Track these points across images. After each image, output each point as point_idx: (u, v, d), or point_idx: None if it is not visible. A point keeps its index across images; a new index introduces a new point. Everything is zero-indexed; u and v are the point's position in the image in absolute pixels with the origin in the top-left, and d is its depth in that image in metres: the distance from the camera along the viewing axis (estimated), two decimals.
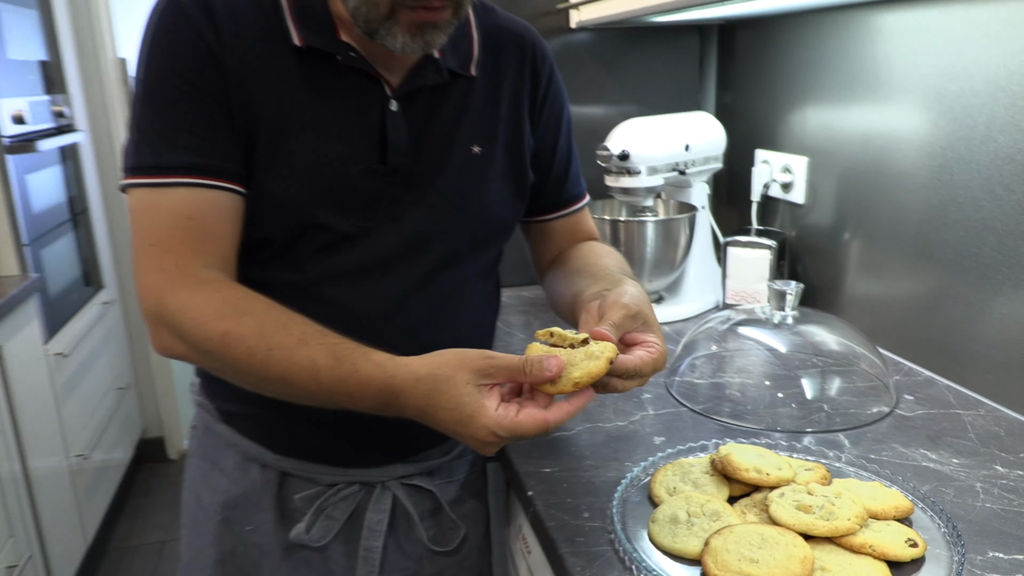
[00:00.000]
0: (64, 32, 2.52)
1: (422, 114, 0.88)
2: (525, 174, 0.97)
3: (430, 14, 0.76)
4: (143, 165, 0.79)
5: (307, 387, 0.75)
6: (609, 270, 0.94)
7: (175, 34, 0.79)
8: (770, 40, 1.54)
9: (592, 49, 1.69)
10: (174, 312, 0.78)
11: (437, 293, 0.92)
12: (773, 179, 1.52)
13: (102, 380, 2.56)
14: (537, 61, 0.98)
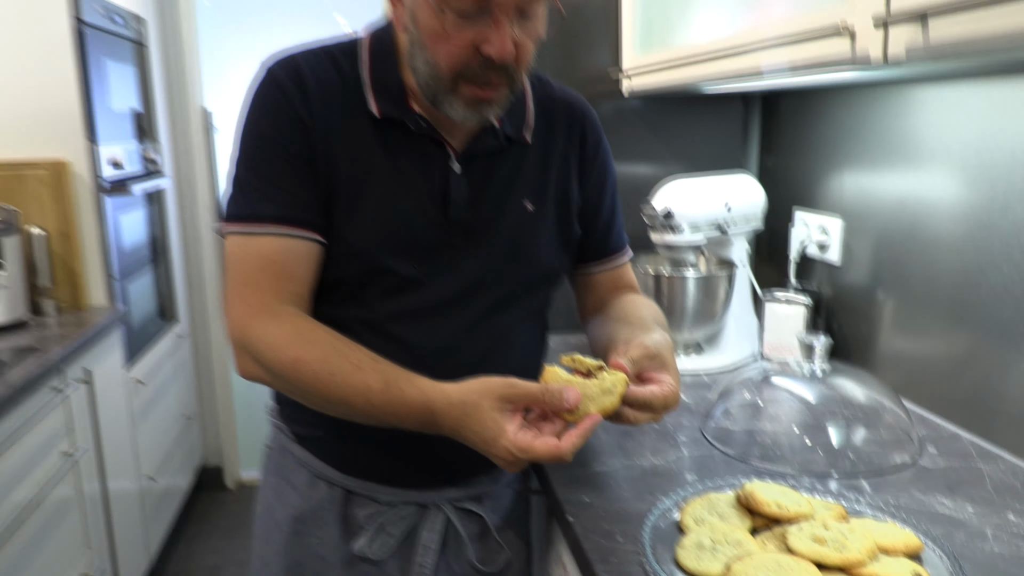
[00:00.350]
0: (157, 85, 2.76)
1: (481, 175, 1.00)
2: (572, 229, 1.09)
3: (486, 91, 0.89)
4: (239, 215, 0.94)
5: (362, 407, 0.88)
6: (643, 319, 1.05)
7: (272, 105, 0.94)
8: (810, 109, 1.64)
9: (642, 114, 1.81)
10: (254, 340, 0.92)
11: (489, 334, 1.03)
12: (810, 239, 1.60)
13: (171, 408, 2.72)
14: (586, 129, 1.10)
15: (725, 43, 1.22)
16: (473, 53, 0.86)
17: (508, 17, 0.84)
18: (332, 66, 0.96)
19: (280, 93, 0.93)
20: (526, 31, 0.87)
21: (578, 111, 1.10)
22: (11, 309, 1.94)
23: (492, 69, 0.87)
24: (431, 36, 0.87)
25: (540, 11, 0.88)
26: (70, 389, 1.81)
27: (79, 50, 2.05)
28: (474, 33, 0.85)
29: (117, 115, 2.33)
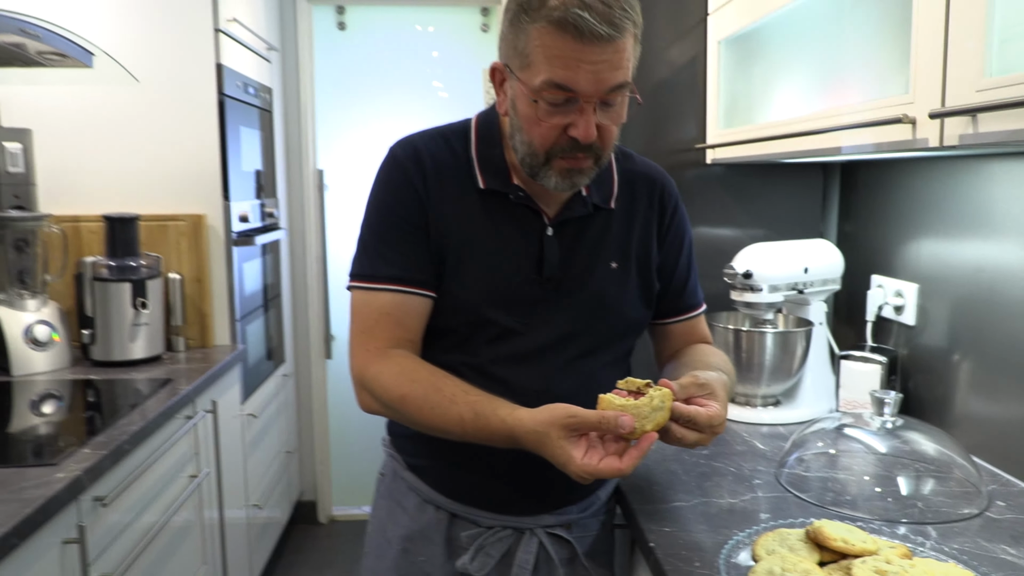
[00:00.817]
0: (278, 147, 3.05)
1: (571, 238, 1.16)
2: (652, 285, 1.23)
3: (575, 162, 1.06)
4: (362, 273, 1.14)
5: (459, 434, 1.05)
6: (708, 363, 1.18)
7: (393, 181, 1.14)
8: (888, 179, 1.73)
9: (724, 181, 1.94)
10: (370, 379, 1.10)
11: (578, 377, 1.17)
12: (886, 302, 1.68)
13: (275, 443, 2.93)
14: (665, 198, 1.25)
15: (801, 123, 1.35)
16: (562, 135, 1.03)
17: (592, 107, 0.99)
18: (446, 146, 1.15)
19: (400, 171, 1.13)
20: (609, 116, 1.02)
21: (658, 182, 1.25)
22: (150, 345, 2.19)
23: (579, 148, 1.03)
24: (528, 121, 1.04)
25: (621, 100, 1.03)
26: (198, 417, 2.02)
27: (221, 119, 2.33)
28: (563, 119, 1.01)
29: (245, 174, 2.60)
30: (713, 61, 1.82)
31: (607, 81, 0.98)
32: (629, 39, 0.99)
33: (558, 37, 0.96)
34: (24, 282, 2.07)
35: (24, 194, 2.23)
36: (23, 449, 1.54)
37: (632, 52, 1.01)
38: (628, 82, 1.01)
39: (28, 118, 2.26)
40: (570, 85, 0.98)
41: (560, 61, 0.96)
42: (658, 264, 1.24)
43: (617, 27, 0.95)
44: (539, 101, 1.00)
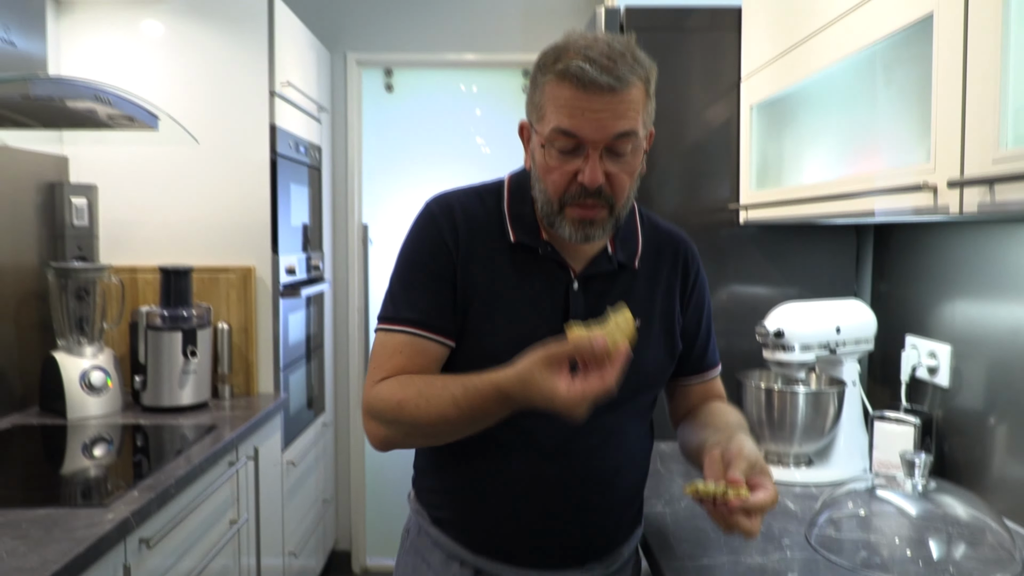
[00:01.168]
0: (326, 203, 3.18)
1: (596, 293, 1.19)
2: (675, 344, 1.26)
3: (587, 211, 1.10)
4: (386, 317, 1.18)
5: (456, 416, 1.05)
6: (729, 424, 1.20)
7: (425, 233, 1.20)
8: (921, 240, 1.75)
9: (757, 240, 1.97)
10: (371, 401, 1.14)
11: (600, 430, 1.19)
12: (920, 363, 1.68)
13: (313, 491, 2.98)
14: (688, 263, 1.29)
15: (830, 188, 1.39)
16: (572, 182, 1.08)
17: (597, 153, 1.05)
18: (479, 202, 1.21)
19: (433, 224, 1.19)
20: (618, 165, 1.07)
21: (682, 247, 1.29)
22: (198, 392, 2.27)
23: (589, 195, 1.07)
24: (542, 170, 1.10)
25: (629, 149, 1.07)
26: (240, 464, 2.08)
27: (272, 177, 2.45)
28: (572, 166, 1.07)
29: (294, 229, 2.71)
30: (745, 125, 1.87)
31: (610, 128, 1.04)
32: (635, 91, 1.05)
33: (564, 88, 1.04)
34: (83, 329, 2.18)
35: (87, 246, 2.36)
36: (76, 490, 1.61)
37: (641, 104, 1.06)
38: (634, 131, 1.05)
39: (94, 175, 2.41)
40: (574, 131, 1.04)
41: (566, 110, 1.04)
42: (681, 326, 1.27)
43: (619, 79, 1.02)
44: (550, 148, 1.07)
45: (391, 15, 3.27)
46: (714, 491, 0.96)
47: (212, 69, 2.42)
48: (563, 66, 1.03)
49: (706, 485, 0.97)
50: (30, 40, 1.75)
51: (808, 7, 1.47)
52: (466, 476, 1.21)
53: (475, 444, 1.15)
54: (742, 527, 0.97)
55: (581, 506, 1.19)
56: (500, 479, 1.18)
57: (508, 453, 1.17)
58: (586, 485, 1.18)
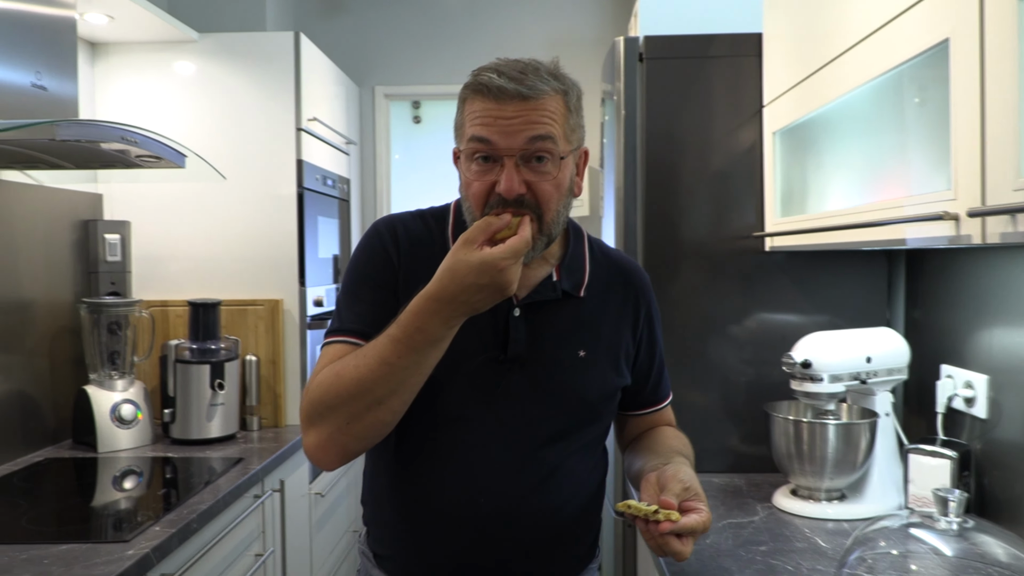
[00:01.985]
0: (354, 234, 3.20)
1: (539, 321, 1.17)
2: (621, 375, 1.23)
3: None
4: (330, 331, 1.16)
5: (394, 355, 1.00)
6: (671, 449, 1.20)
7: (370, 248, 1.20)
8: (955, 265, 1.70)
9: (784, 267, 1.93)
10: (307, 398, 1.07)
11: (544, 462, 1.15)
12: (956, 393, 1.62)
13: (342, 522, 2.97)
14: (639, 295, 1.27)
15: (854, 216, 1.35)
16: (492, 192, 1.07)
17: (512, 162, 1.05)
18: (423, 224, 1.22)
19: (377, 239, 1.19)
20: (539, 175, 1.07)
21: (635, 278, 1.28)
22: (226, 424, 2.29)
23: (509, 204, 1.06)
24: (466, 185, 1.11)
25: (548, 159, 1.07)
26: (266, 496, 2.09)
27: (300, 211, 2.49)
28: (491, 177, 1.07)
29: (322, 261, 2.74)
30: (769, 151, 1.84)
31: (521, 134, 1.05)
32: (549, 101, 1.07)
33: (477, 101, 1.07)
34: (114, 363, 2.22)
35: (120, 281, 2.41)
36: (102, 524, 1.63)
37: (559, 115, 1.08)
38: (549, 136, 1.06)
39: (127, 211, 2.46)
40: (488, 137, 1.06)
41: (480, 119, 1.06)
42: (634, 360, 1.26)
43: (530, 87, 1.05)
44: (469, 162, 1.09)
45: (419, 49, 3.32)
46: (645, 511, 0.99)
47: (240, 107, 2.47)
48: (475, 80, 1.08)
49: (638, 504, 1.00)
50: (61, 84, 1.80)
51: (827, 33, 1.45)
52: (407, 508, 1.17)
53: (414, 475, 1.14)
54: (672, 549, 0.99)
55: (524, 542, 1.16)
56: (439, 514, 1.15)
57: (447, 488, 1.14)
58: (528, 521, 1.15)
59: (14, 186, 2.06)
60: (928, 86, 1.16)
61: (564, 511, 1.18)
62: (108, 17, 2.21)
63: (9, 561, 1.35)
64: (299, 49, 2.48)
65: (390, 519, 1.20)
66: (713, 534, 1.49)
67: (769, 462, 1.73)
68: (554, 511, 1.17)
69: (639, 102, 1.94)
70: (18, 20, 1.69)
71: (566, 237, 1.24)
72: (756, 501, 1.69)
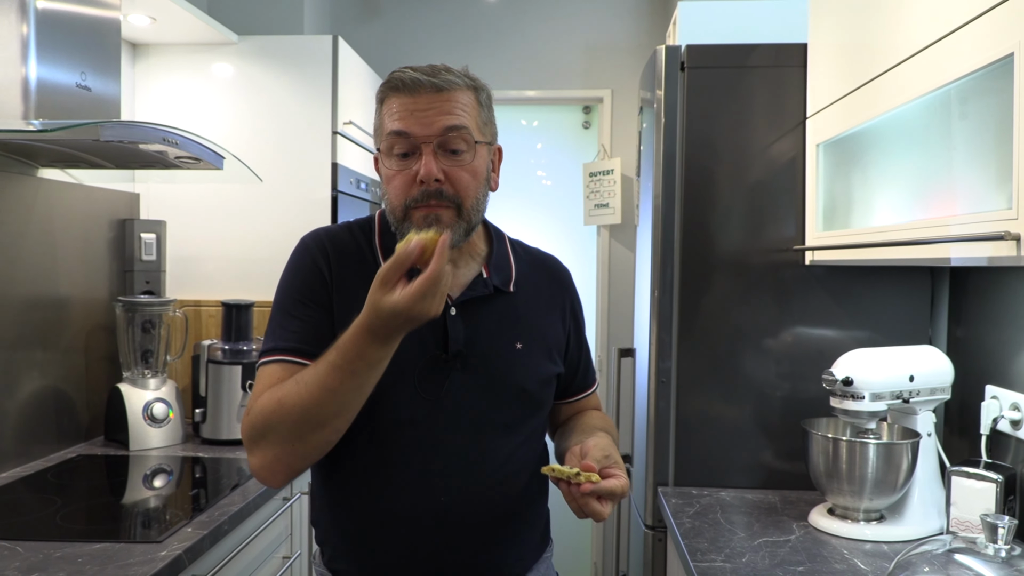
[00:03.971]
0: None
1: (475, 317, 1.20)
2: (556, 364, 1.29)
3: (430, 209, 1.11)
4: (264, 350, 1.16)
5: (332, 386, 1.00)
6: (594, 428, 1.28)
7: (299, 264, 1.20)
8: (1002, 283, 1.66)
9: (824, 281, 1.90)
10: (249, 420, 1.08)
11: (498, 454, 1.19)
12: (1002, 415, 1.58)
13: None
14: (564, 287, 1.35)
15: (902, 232, 1.32)
16: (413, 184, 1.11)
17: (430, 149, 1.10)
18: (350, 235, 1.23)
19: (306, 253, 1.20)
20: (457, 164, 1.12)
21: (558, 272, 1.36)
22: None
23: (431, 196, 1.11)
24: (387, 181, 1.15)
25: (464, 148, 1.12)
26: (295, 499, 2.09)
27: (333, 214, 2.49)
28: (411, 170, 1.11)
29: None
30: (811, 163, 1.81)
31: (437, 123, 1.11)
32: (461, 94, 1.14)
33: (393, 97, 1.13)
34: (147, 362, 2.23)
35: (154, 280, 2.43)
36: (134, 523, 1.64)
37: (471, 107, 1.15)
38: (463, 127, 1.12)
39: (163, 211, 2.48)
40: (405, 130, 1.11)
41: (397, 114, 1.12)
42: (564, 347, 1.31)
43: (442, 80, 1.12)
44: (388, 157, 1.14)
45: (453, 54, 3.32)
46: (568, 473, 1.03)
47: (277, 109, 2.48)
48: (390, 78, 1.14)
49: (561, 468, 1.05)
50: (105, 84, 1.82)
51: (876, 45, 1.42)
52: (364, 518, 1.18)
53: (368, 483, 1.15)
54: (592, 509, 1.03)
55: (484, 535, 1.18)
56: (398, 518, 1.16)
57: (404, 490, 1.15)
58: (487, 513, 1.18)
59: (54, 184, 2.09)
60: (986, 99, 1.13)
61: (519, 500, 1.23)
62: (151, 19, 2.24)
63: (44, 559, 1.36)
64: (337, 52, 2.49)
65: (347, 530, 1.20)
66: (749, 552, 1.46)
67: (803, 479, 1.70)
68: (510, 501, 1.21)
69: (679, 111, 1.92)
70: (65, 21, 1.71)
71: (489, 236, 1.30)
72: (792, 519, 1.66)
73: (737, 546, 1.50)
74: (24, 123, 1.56)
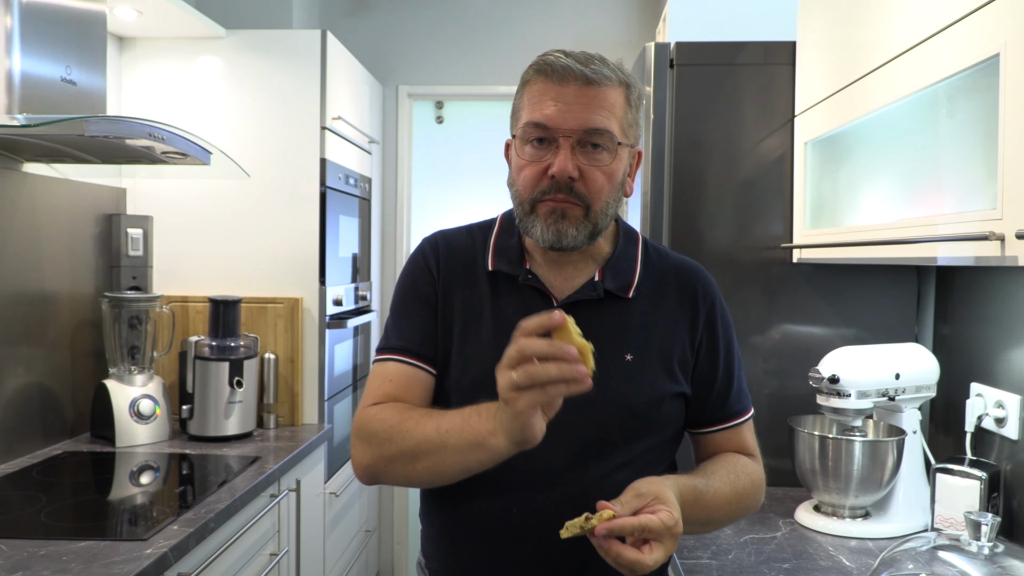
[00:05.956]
0: (375, 233, 3.20)
1: (581, 323, 1.02)
2: (676, 382, 1.15)
3: (557, 203, 1.07)
4: (380, 348, 1.18)
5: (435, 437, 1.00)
6: (704, 470, 1.12)
7: (414, 266, 1.21)
8: (988, 282, 1.67)
9: (811, 279, 1.91)
10: (364, 421, 1.09)
11: (585, 476, 1.08)
12: (987, 412, 1.59)
13: (355, 522, 2.97)
14: (699, 296, 1.18)
15: (888, 231, 1.33)
16: (543, 176, 1.06)
17: (569, 144, 1.04)
18: (467, 236, 1.22)
19: (420, 256, 1.21)
20: (592, 161, 1.06)
21: (693, 279, 1.20)
22: (243, 422, 2.28)
23: (560, 190, 1.05)
24: (517, 170, 1.10)
25: (604, 150, 1.05)
26: (282, 496, 2.08)
27: (322, 209, 2.48)
28: (545, 162, 1.06)
29: (342, 260, 2.73)
30: (800, 161, 1.82)
31: (580, 119, 1.04)
32: (611, 91, 1.06)
33: (539, 81, 1.07)
34: (134, 358, 2.22)
35: (141, 275, 2.41)
36: (119, 521, 1.63)
37: (619, 107, 1.07)
38: (608, 130, 1.05)
39: (149, 206, 2.47)
40: (545, 121, 1.05)
41: (539, 102, 1.06)
42: (693, 367, 1.17)
43: (594, 72, 1.04)
44: (523, 145, 1.08)
45: (443, 49, 3.31)
46: (580, 524, 0.91)
47: (265, 104, 2.47)
48: (540, 60, 1.07)
49: (572, 522, 0.92)
50: (91, 78, 1.80)
51: (865, 44, 1.43)
52: (447, 524, 1.17)
53: (453, 490, 1.10)
54: (626, 558, 0.90)
55: (563, 560, 1.09)
56: (475, 529, 1.13)
57: (481, 502, 1.11)
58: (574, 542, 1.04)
59: (39, 179, 2.07)
60: (972, 99, 1.13)
61: None
62: (137, 12, 2.21)
63: (28, 557, 1.35)
64: (326, 47, 2.47)
65: (435, 535, 1.20)
66: (735, 549, 1.47)
67: (790, 476, 1.71)
68: None
69: (668, 108, 1.92)
70: (49, 14, 1.69)
71: (616, 238, 1.20)
72: (778, 516, 1.67)
73: (723, 543, 1.50)
74: (8, 117, 1.55)
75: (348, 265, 2.84)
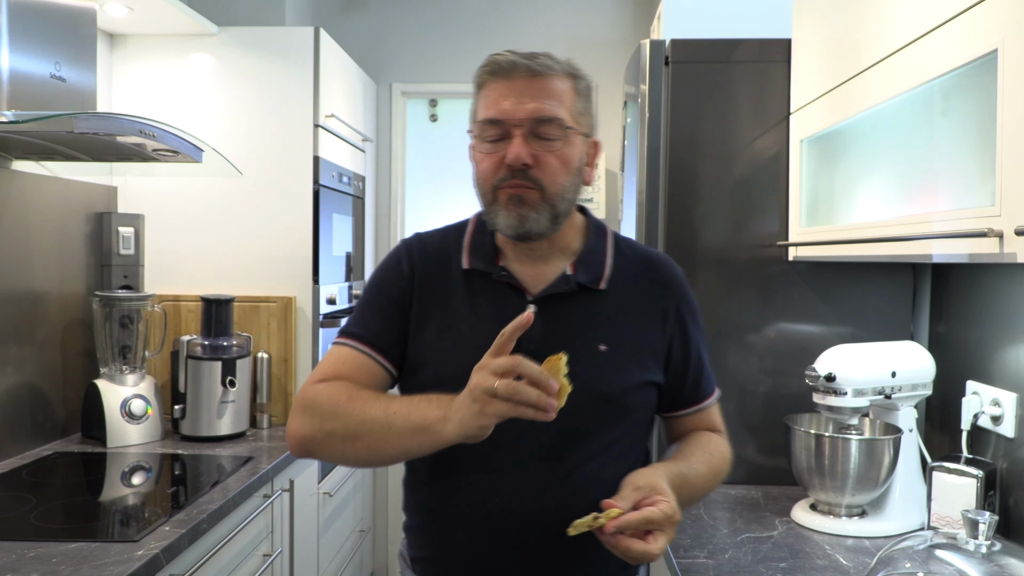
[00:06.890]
0: (368, 231, 3.18)
1: (554, 316, 1.15)
2: (648, 371, 1.19)
3: (516, 189, 1.11)
4: (340, 332, 1.21)
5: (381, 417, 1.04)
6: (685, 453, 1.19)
7: (387, 264, 1.24)
8: (984, 279, 1.66)
9: (807, 277, 1.90)
10: (309, 393, 1.12)
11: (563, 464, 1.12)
12: (983, 410, 1.59)
13: (349, 522, 2.95)
14: (667, 288, 1.23)
15: (884, 229, 1.32)
16: (501, 165, 1.11)
17: (521, 132, 1.09)
18: (442, 237, 1.25)
19: (396, 257, 1.24)
20: (547, 149, 1.11)
21: (663, 271, 1.25)
22: (236, 422, 2.27)
23: (516, 176, 1.10)
24: (477, 165, 1.15)
25: (556, 137, 1.11)
26: (275, 496, 2.06)
27: (315, 208, 2.46)
28: (500, 153, 1.11)
29: (336, 259, 2.72)
30: (795, 159, 1.81)
31: (529, 108, 1.09)
32: (558, 81, 1.12)
33: (490, 81, 1.13)
34: (125, 357, 2.20)
35: (132, 274, 2.39)
36: (110, 522, 1.61)
37: (567, 96, 1.13)
38: (557, 117, 1.10)
39: (141, 205, 2.45)
40: (497, 116, 1.11)
41: (491, 99, 1.12)
42: (667, 358, 1.21)
43: (540, 65, 1.11)
44: (480, 143, 1.14)
45: (437, 47, 3.29)
46: (588, 523, 0.96)
47: (258, 102, 2.45)
48: (489, 60, 1.14)
49: (580, 521, 0.97)
50: (80, 75, 1.78)
51: (860, 41, 1.42)
52: (429, 513, 1.19)
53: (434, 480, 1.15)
54: (635, 551, 0.96)
55: (542, 547, 1.12)
56: (456, 518, 1.15)
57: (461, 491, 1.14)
58: (543, 526, 1.10)
59: (29, 176, 2.05)
60: (969, 95, 1.13)
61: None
62: (128, 8, 2.19)
63: (17, 559, 1.34)
64: (319, 45, 2.46)
65: (417, 525, 1.22)
66: (732, 548, 1.46)
67: (786, 474, 1.70)
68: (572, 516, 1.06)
69: (663, 106, 1.91)
70: (39, 10, 1.67)
71: (586, 232, 1.24)
72: (774, 515, 1.66)
73: (720, 542, 1.50)
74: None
75: (342, 264, 2.82)
